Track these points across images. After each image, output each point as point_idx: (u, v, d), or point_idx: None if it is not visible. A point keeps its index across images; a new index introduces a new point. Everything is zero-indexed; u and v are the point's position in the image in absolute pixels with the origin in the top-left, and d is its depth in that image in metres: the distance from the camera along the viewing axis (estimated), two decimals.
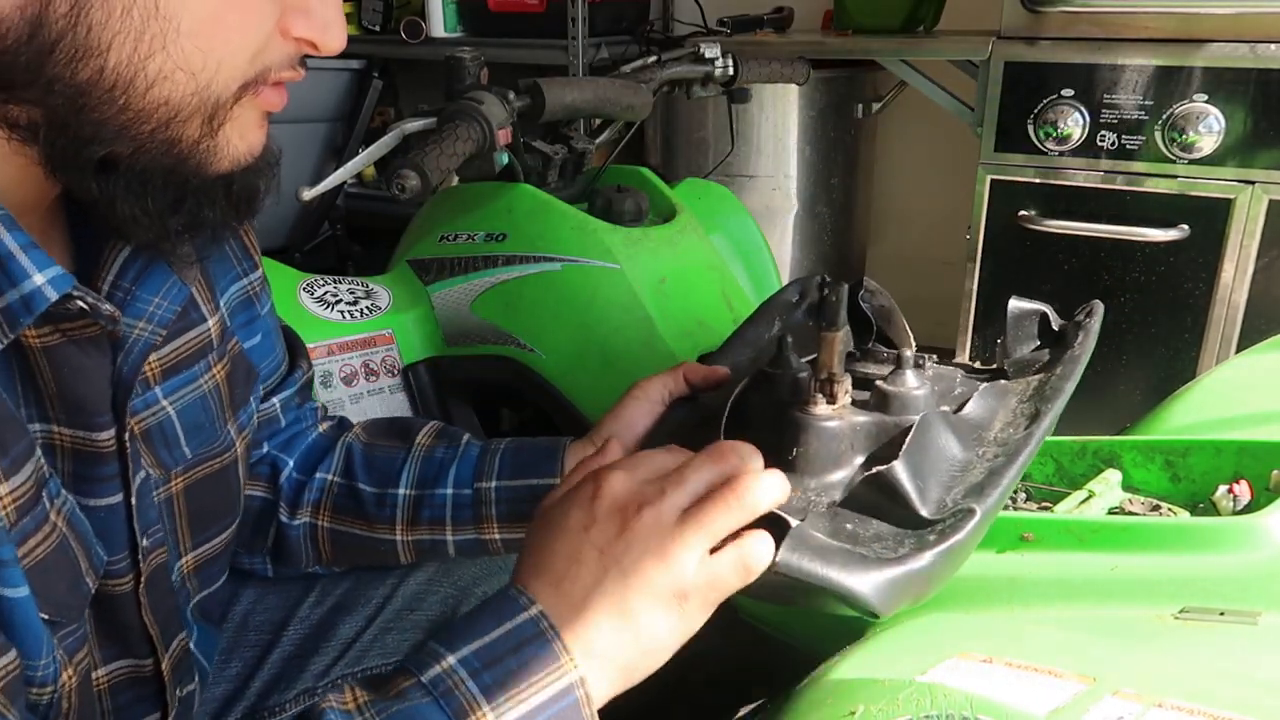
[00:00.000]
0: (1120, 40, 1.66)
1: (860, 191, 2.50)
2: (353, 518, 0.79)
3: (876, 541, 0.56)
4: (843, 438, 0.63)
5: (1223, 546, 0.61)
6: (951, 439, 0.63)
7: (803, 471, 0.62)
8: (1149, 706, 0.48)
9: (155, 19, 0.45)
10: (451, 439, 0.80)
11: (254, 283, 0.73)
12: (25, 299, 0.47)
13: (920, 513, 0.57)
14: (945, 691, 0.51)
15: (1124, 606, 0.59)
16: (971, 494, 0.58)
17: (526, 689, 0.49)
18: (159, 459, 0.62)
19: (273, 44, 0.51)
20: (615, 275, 1.17)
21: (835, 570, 0.51)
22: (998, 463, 0.61)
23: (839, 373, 0.63)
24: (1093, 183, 1.74)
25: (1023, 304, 0.79)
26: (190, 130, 0.49)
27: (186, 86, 0.47)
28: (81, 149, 0.47)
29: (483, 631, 0.51)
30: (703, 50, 1.47)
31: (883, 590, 0.52)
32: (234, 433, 0.69)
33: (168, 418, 0.62)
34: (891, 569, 0.52)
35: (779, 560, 0.51)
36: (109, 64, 0.45)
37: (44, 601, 0.50)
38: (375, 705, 0.49)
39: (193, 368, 0.64)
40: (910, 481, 0.57)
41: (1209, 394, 0.93)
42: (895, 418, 0.64)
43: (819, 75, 2.15)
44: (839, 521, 0.58)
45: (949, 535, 0.54)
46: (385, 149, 1.14)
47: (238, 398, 0.70)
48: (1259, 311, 1.68)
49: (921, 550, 0.53)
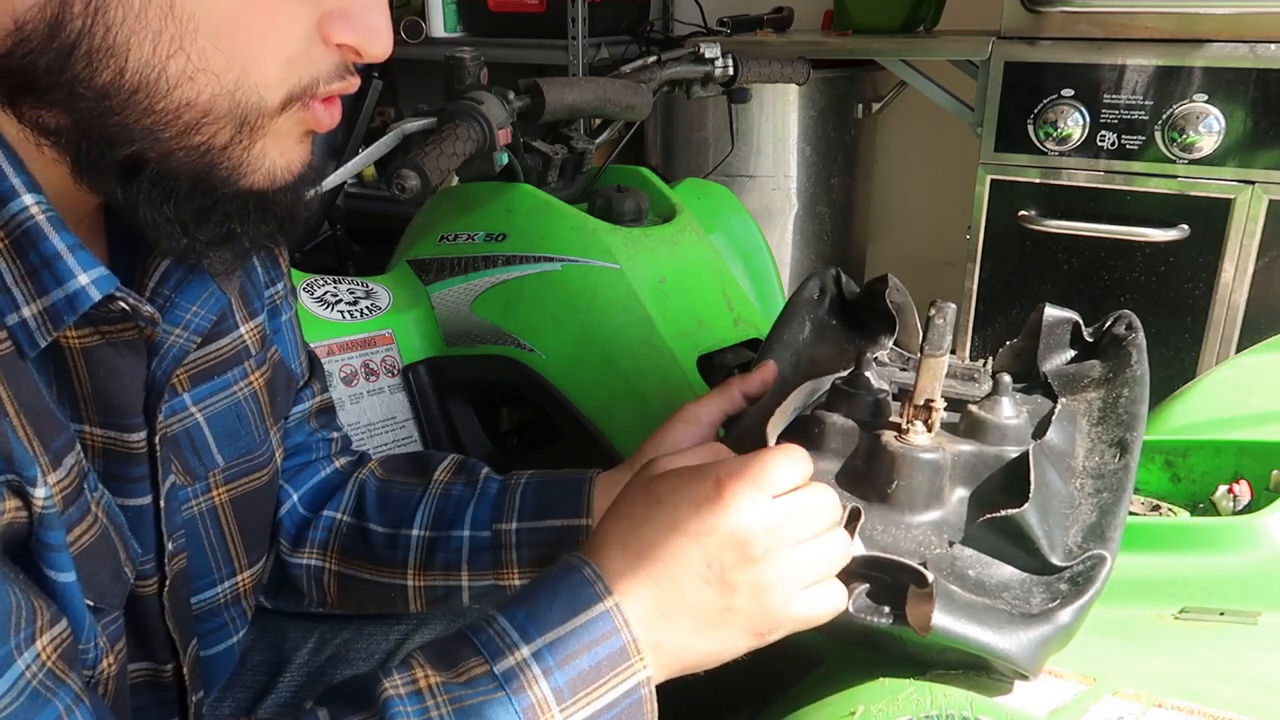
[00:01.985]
0: (1120, 40, 1.66)
1: (860, 191, 2.50)
2: (362, 561, 0.75)
3: (1005, 591, 0.54)
4: (944, 471, 0.59)
5: (1223, 546, 0.61)
6: (1053, 473, 0.60)
7: (904, 506, 0.59)
8: (1149, 706, 0.48)
9: (171, 19, 0.45)
10: (470, 474, 0.77)
11: (278, 292, 0.72)
12: (70, 298, 0.47)
13: (1050, 559, 0.55)
14: (945, 691, 0.51)
15: (1124, 606, 0.59)
16: (1091, 537, 0.56)
17: (596, 689, 0.48)
18: (187, 466, 0.62)
19: (314, 52, 0.49)
20: (615, 275, 1.17)
21: (989, 633, 0.50)
22: (1105, 500, 0.59)
23: (938, 400, 0.60)
24: (1093, 183, 1.74)
25: (1056, 312, 0.76)
26: (221, 136, 0.48)
27: (212, 88, 0.47)
28: (106, 152, 0.47)
29: (557, 618, 0.49)
30: (703, 50, 1.47)
31: (1032, 651, 0.50)
32: (275, 443, 0.69)
33: (196, 424, 0.62)
34: (1040, 628, 0.51)
35: (936, 624, 0.50)
36: (129, 65, 0.45)
37: (88, 588, 0.51)
38: (446, 689, 0.48)
39: (225, 375, 0.64)
40: (1039, 525, 0.55)
41: (1209, 394, 0.93)
42: (995, 449, 0.61)
43: (819, 75, 2.15)
44: (960, 567, 0.56)
45: (1085, 587, 0.52)
46: (385, 149, 1.14)
47: (279, 406, 0.70)
48: (1259, 311, 1.68)
49: (1064, 605, 0.52)
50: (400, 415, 1.25)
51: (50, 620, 0.47)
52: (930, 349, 0.58)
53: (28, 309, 0.47)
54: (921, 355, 0.59)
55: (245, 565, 0.69)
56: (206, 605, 0.67)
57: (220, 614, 0.68)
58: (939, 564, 0.56)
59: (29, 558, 0.47)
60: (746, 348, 1.22)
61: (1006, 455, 0.60)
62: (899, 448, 0.59)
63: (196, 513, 0.64)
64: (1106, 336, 0.75)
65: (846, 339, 0.81)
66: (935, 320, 0.58)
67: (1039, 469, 0.57)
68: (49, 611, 0.47)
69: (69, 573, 0.49)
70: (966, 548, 0.57)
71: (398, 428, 1.25)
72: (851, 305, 0.84)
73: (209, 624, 0.68)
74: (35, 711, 0.44)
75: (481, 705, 0.47)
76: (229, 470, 0.66)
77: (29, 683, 0.44)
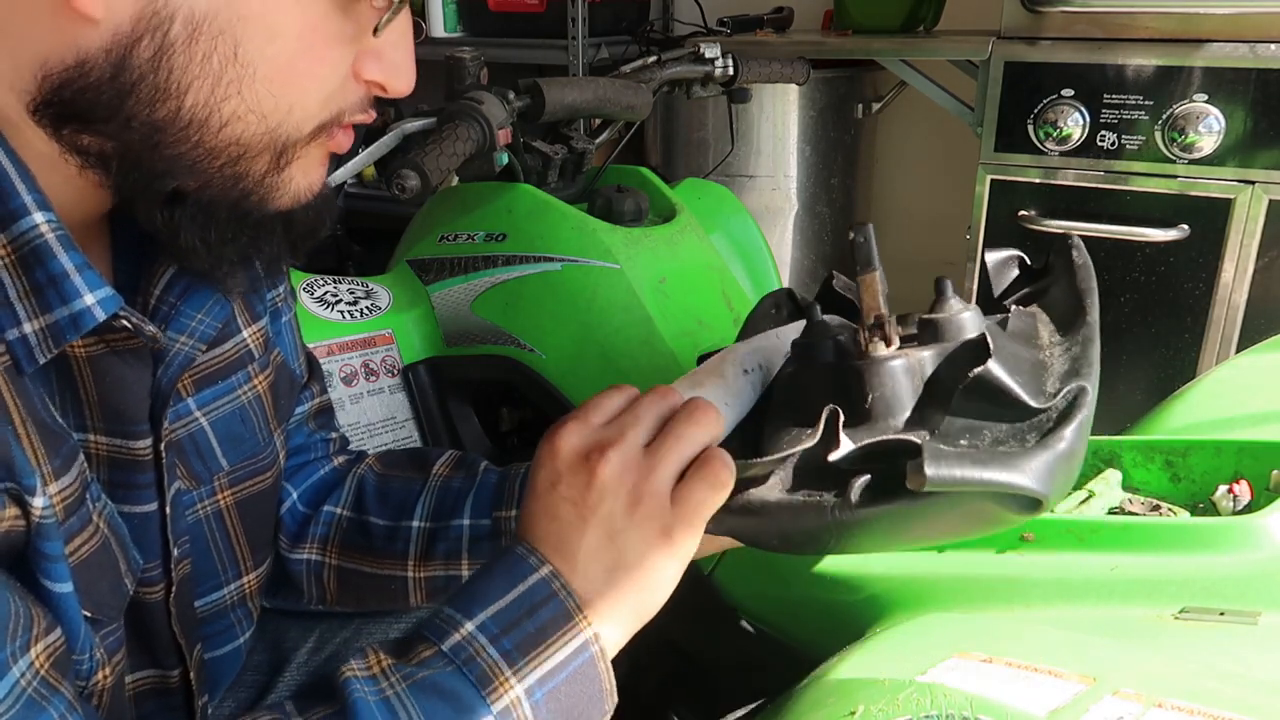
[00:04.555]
0: (1120, 40, 1.66)
1: (860, 191, 2.50)
2: (362, 554, 0.76)
3: (999, 445, 0.55)
4: (913, 373, 0.60)
5: (1223, 546, 0.61)
6: (1018, 345, 0.61)
7: (885, 415, 0.60)
8: (1149, 707, 0.48)
9: (234, 65, 0.46)
10: (469, 468, 0.78)
11: (280, 295, 0.73)
12: (74, 316, 0.48)
13: (1030, 404, 0.55)
14: (945, 691, 0.51)
15: (1124, 606, 0.59)
16: (1066, 379, 0.57)
17: (545, 650, 0.50)
18: (192, 470, 0.63)
19: (347, 88, 0.52)
20: (615, 275, 1.17)
21: (991, 470, 0.50)
22: (1075, 351, 0.59)
23: (886, 312, 0.60)
24: (1092, 183, 1.74)
25: (999, 253, 0.79)
26: (258, 167, 0.51)
27: (258, 128, 0.49)
28: (153, 181, 0.49)
29: (497, 594, 0.52)
30: (703, 50, 1.47)
31: (1043, 475, 0.50)
32: (279, 445, 0.70)
33: (200, 429, 0.63)
34: (1041, 454, 0.51)
35: (929, 474, 0.49)
36: (185, 105, 0.46)
37: (86, 599, 0.51)
38: (399, 669, 0.50)
39: (229, 379, 0.64)
40: (1010, 378, 0.55)
41: (1209, 394, 0.93)
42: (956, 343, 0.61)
43: (819, 75, 2.15)
44: (951, 440, 0.56)
45: (1073, 413, 0.53)
46: (385, 149, 1.14)
47: (282, 409, 0.70)
48: (1259, 311, 1.68)
49: (1059, 430, 0.52)
50: (400, 415, 1.25)
51: (46, 628, 0.47)
52: (862, 268, 0.60)
53: (29, 325, 0.47)
54: (856, 276, 0.60)
55: (251, 567, 0.69)
56: (213, 608, 0.67)
57: (227, 615, 0.69)
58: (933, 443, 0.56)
59: (25, 567, 0.47)
60: None
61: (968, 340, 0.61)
62: (860, 365, 0.60)
63: (202, 516, 0.64)
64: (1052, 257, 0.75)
65: None
66: (857, 240, 0.60)
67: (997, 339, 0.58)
68: (45, 619, 0.47)
69: (66, 583, 0.49)
70: (955, 420, 0.57)
71: (398, 428, 1.25)
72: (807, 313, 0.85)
73: (216, 626, 0.68)
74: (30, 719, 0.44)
75: (435, 678, 0.49)
76: (233, 473, 0.66)
77: (24, 690, 0.44)
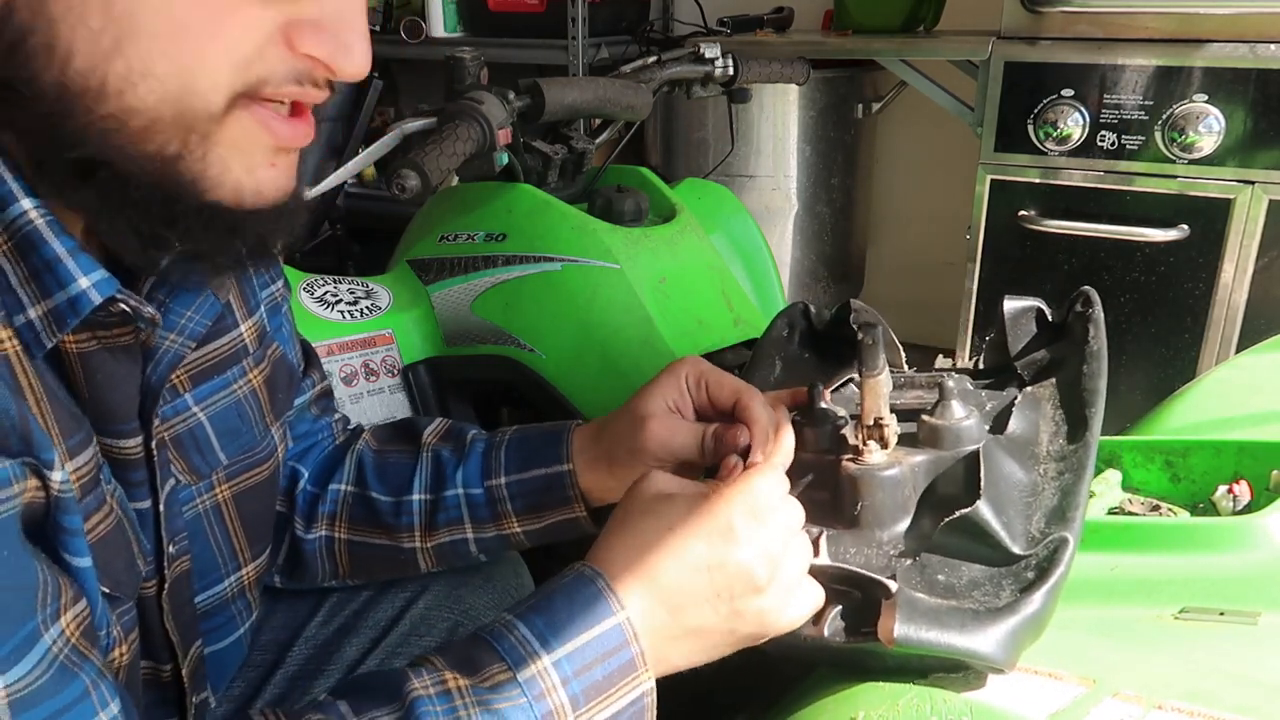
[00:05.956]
0: (1120, 40, 1.66)
1: (860, 191, 2.50)
2: (370, 527, 0.78)
3: (975, 589, 0.55)
4: (905, 484, 0.61)
5: (1223, 546, 0.61)
6: (1013, 464, 0.61)
7: (871, 525, 0.60)
8: (1149, 708, 0.48)
9: (109, 18, 0.44)
10: (457, 439, 0.80)
11: (277, 290, 0.73)
12: (72, 300, 0.48)
13: (1012, 549, 0.55)
14: (945, 697, 0.51)
15: (1124, 607, 0.59)
16: (1054, 520, 0.57)
17: (606, 699, 0.52)
18: (191, 465, 0.63)
19: (270, 54, 0.47)
20: (615, 275, 1.17)
21: (955, 635, 0.50)
22: (1066, 481, 0.59)
23: (886, 416, 0.61)
24: (1092, 183, 1.74)
25: (1018, 302, 0.79)
26: (171, 145, 0.47)
27: (157, 94, 0.45)
28: (58, 154, 0.46)
29: (573, 629, 0.52)
30: (703, 50, 1.47)
31: (1005, 645, 0.50)
32: (276, 438, 0.70)
33: (199, 424, 0.63)
34: (1008, 620, 0.51)
35: (898, 635, 0.50)
36: (72, 66, 0.44)
37: (104, 575, 0.51)
38: (475, 692, 0.51)
39: (225, 373, 0.65)
40: (996, 519, 0.56)
41: (1209, 394, 0.93)
42: (952, 452, 0.62)
43: (819, 75, 2.15)
44: (929, 574, 0.57)
45: (1050, 571, 0.53)
46: (385, 149, 1.14)
47: (279, 403, 0.71)
48: (1259, 311, 1.68)
49: (1030, 592, 0.52)
50: (400, 415, 1.25)
51: (73, 598, 0.47)
52: (868, 371, 0.60)
53: (33, 310, 0.47)
54: (861, 378, 0.61)
55: (250, 559, 0.70)
56: (214, 600, 0.68)
57: (228, 608, 0.69)
58: (909, 574, 0.57)
59: (46, 541, 0.47)
60: (746, 348, 1.22)
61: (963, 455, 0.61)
62: (856, 470, 0.60)
63: (201, 510, 0.65)
64: (1070, 316, 0.76)
65: (820, 370, 0.83)
66: (865, 342, 0.60)
67: (993, 462, 0.59)
68: (71, 589, 0.47)
69: (85, 558, 0.49)
70: (934, 554, 0.58)
71: None
72: (823, 336, 0.85)
73: (217, 618, 0.69)
74: (63, 685, 0.44)
75: (507, 710, 0.50)
76: (231, 467, 0.66)
77: (56, 657, 0.44)
